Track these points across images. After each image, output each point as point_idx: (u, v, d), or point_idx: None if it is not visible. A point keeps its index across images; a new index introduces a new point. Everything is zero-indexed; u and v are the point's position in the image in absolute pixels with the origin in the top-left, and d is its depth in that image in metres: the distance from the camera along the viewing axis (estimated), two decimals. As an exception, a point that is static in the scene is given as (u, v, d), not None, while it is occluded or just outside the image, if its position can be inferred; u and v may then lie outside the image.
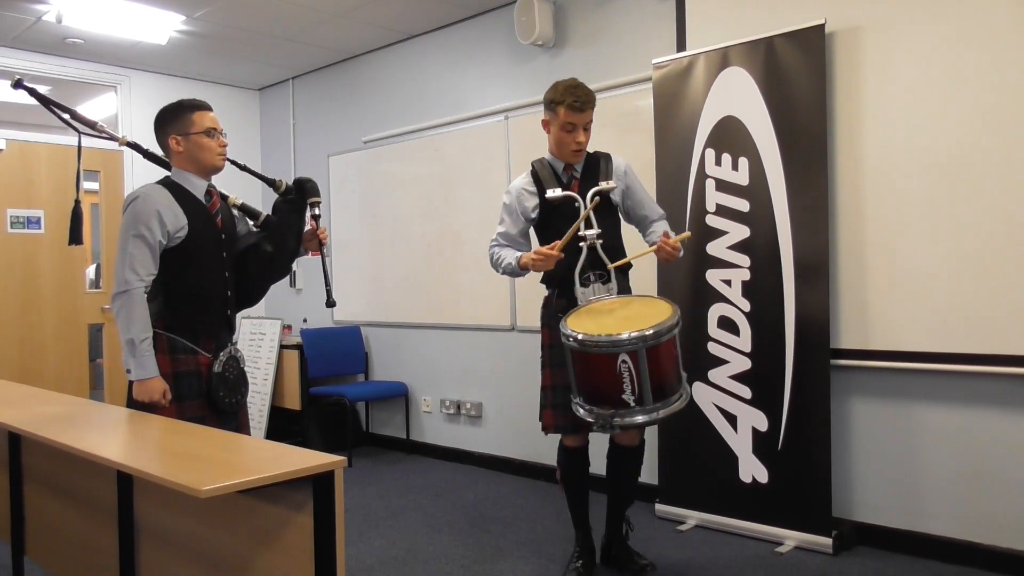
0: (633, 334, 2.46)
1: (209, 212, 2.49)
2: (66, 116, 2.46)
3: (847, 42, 3.25)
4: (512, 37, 4.48)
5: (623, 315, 2.65)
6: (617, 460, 2.98)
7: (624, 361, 2.47)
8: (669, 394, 2.56)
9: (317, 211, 2.59)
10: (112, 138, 2.55)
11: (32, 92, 2.46)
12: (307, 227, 2.64)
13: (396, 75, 5.32)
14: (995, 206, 2.91)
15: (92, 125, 2.50)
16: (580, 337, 2.52)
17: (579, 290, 2.78)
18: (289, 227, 2.58)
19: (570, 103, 2.77)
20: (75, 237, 2.53)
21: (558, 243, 2.72)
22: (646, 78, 3.86)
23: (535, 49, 4.45)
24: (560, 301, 2.85)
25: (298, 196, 2.58)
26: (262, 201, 2.78)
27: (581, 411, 2.63)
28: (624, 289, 2.89)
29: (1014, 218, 2.87)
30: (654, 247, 2.79)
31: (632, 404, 2.50)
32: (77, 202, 2.53)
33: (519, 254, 2.86)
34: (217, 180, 2.58)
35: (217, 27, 4.86)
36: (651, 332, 2.46)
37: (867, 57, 3.20)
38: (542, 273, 2.89)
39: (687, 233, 2.89)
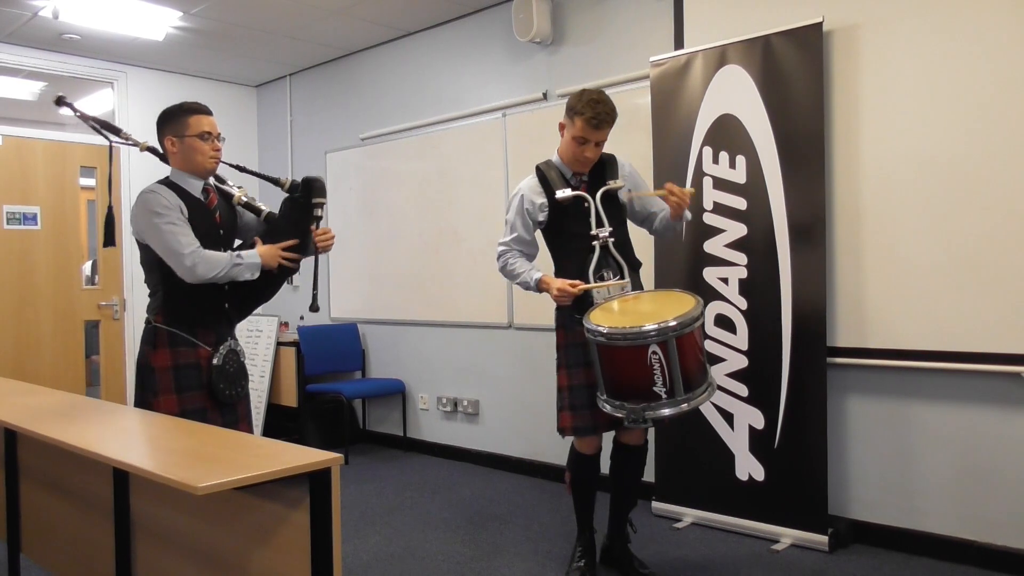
0: (662, 324, 2.46)
1: (207, 208, 2.54)
2: (97, 126, 2.64)
3: (845, 40, 3.25)
4: (510, 34, 4.48)
5: (642, 310, 2.66)
6: (621, 459, 2.97)
7: (655, 352, 2.48)
8: (696, 385, 2.57)
9: (319, 212, 2.56)
10: (135, 144, 2.64)
11: (72, 107, 2.65)
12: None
13: (394, 72, 5.31)
14: (992, 204, 2.91)
15: (118, 132, 2.65)
16: (606, 331, 2.52)
17: (594, 289, 2.77)
18: (292, 225, 2.57)
19: (588, 118, 2.71)
20: (109, 239, 2.63)
21: (581, 284, 2.73)
22: (644, 76, 3.85)
23: (533, 46, 4.45)
24: (575, 301, 2.82)
25: (304, 195, 2.57)
26: (258, 196, 2.79)
27: (608, 407, 2.62)
28: (636, 287, 2.88)
29: (1011, 216, 2.87)
30: (661, 191, 2.78)
31: (663, 396, 2.51)
32: (110, 207, 2.63)
33: (539, 274, 2.83)
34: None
35: (214, 23, 4.85)
36: (675, 323, 2.47)
37: (865, 55, 3.20)
38: (548, 271, 2.88)
39: (692, 189, 2.88)
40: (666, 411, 2.52)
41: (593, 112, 2.71)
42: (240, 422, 2.57)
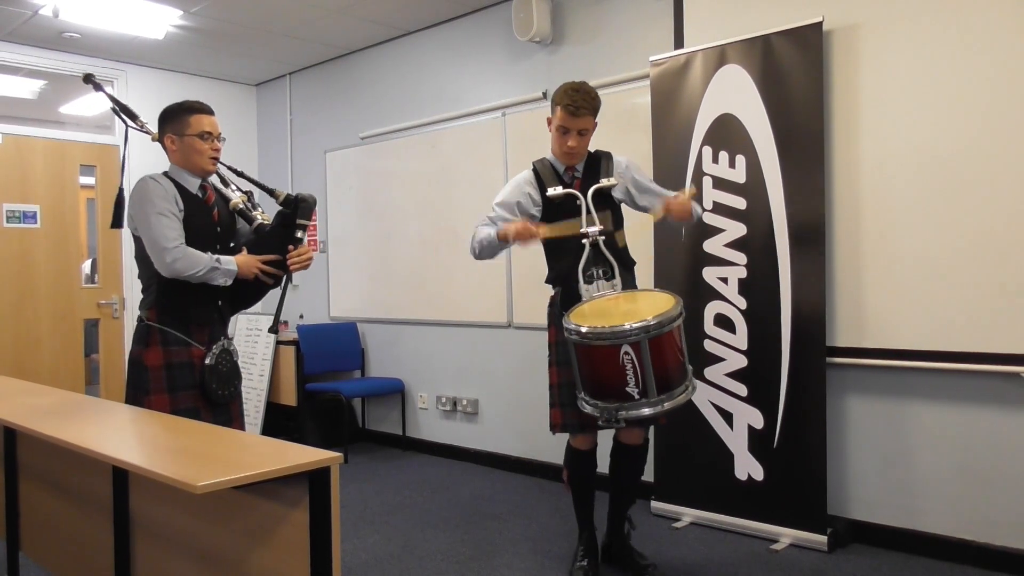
0: (635, 325, 2.45)
1: (205, 205, 2.54)
2: (117, 109, 2.70)
3: (844, 40, 3.25)
4: (510, 33, 4.48)
5: (626, 309, 2.65)
6: (620, 458, 2.97)
7: (627, 353, 2.46)
8: (674, 386, 2.55)
9: (299, 234, 2.54)
10: (148, 132, 2.67)
11: (98, 86, 2.74)
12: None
13: (393, 71, 5.31)
14: (991, 204, 2.91)
15: (135, 118, 2.69)
16: (583, 330, 2.52)
17: (583, 287, 2.75)
18: (277, 239, 2.56)
19: (566, 105, 2.74)
20: (117, 221, 2.63)
21: (545, 226, 2.72)
22: (644, 75, 3.85)
23: (533, 46, 4.44)
24: (565, 299, 2.84)
25: (292, 213, 2.54)
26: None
27: (587, 407, 2.62)
28: (629, 286, 2.88)
29: (1010, 215, 2.87)
30: (661, 211, 2.78)
31: (636, 397, 2.50)
32: (121, 189, 2.64)
33: (498, 227, 2.78)
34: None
35: (214, 22, 4.85)
36: (654, 322, 2.46)
37: (864, 55, 3.20)
38: (545, 271, 2.88)
39: (692, 189, 2.89)
40: (640, 411, 2.51)
41: (570, 100, 2.73)
42: (233, 422, 2.58)
